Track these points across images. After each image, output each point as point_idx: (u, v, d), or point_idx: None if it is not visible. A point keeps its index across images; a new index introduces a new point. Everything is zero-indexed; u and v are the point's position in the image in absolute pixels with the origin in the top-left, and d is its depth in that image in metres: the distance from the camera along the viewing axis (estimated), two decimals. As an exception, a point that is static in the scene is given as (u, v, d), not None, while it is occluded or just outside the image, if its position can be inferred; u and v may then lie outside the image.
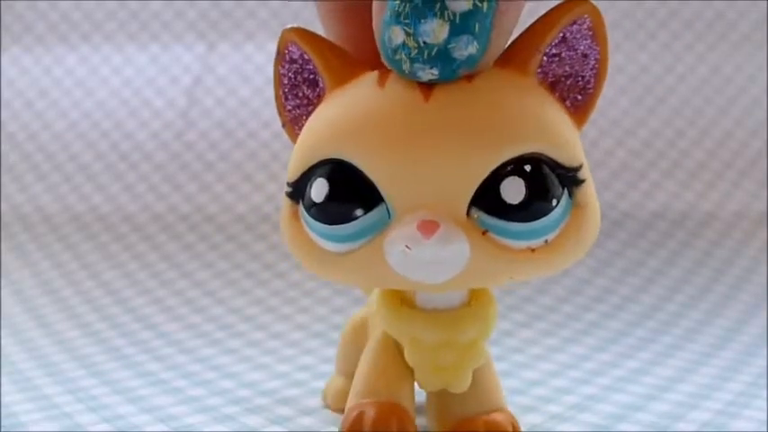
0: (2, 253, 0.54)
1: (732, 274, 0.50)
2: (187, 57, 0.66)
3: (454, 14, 0.19)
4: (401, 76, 0.21)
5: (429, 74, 0.20)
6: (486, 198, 0.20)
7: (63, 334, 0.42)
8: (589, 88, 0.22)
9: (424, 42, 0.20)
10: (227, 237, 0.55)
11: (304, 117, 0.23)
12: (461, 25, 0.19)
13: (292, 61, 0.24)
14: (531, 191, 0.20)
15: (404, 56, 0.20)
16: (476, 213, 0.21)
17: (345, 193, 0.21)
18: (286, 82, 0.24)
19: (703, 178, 0.58)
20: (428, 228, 0.20)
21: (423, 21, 0.20)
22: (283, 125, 0.24)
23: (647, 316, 0.44)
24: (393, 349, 0.24)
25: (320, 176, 0.21)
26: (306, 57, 0.23)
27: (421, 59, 0.20)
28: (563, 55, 0.22)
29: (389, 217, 0.21)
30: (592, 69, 0.22)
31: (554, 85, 0.22)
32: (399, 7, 0.20)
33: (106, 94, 0.65)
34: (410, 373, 0.24)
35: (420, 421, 0.26)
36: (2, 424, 0.30)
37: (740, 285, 0.49)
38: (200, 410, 0.32)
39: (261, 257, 0.52)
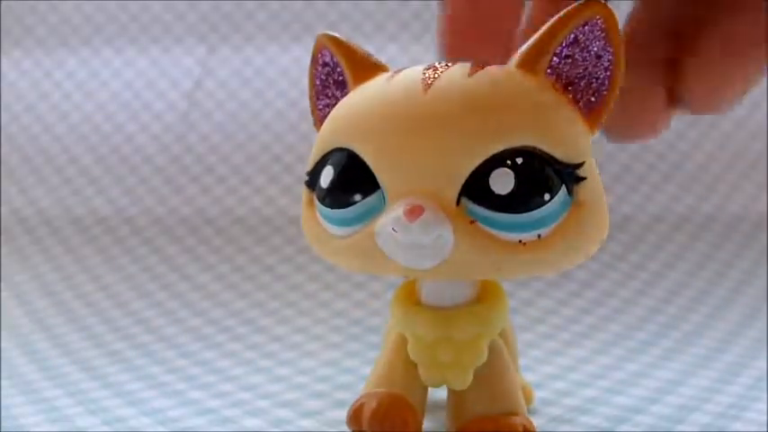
0: (2, 256, 0.54)
1: (733, 277, 0.50)
2: (187, 60, 0.66)
3: None
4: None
5: None
6: (476, 188, 0.21)
7: (63, 337, 0.42)
8: (603, 89, 0.22)
9: None
10: (228, 239, 0.55)
11: None
12: None
13: (324, 64, 0.25)
14: (520, 183, 0.21)
15: None
16: (465, 203, 0.21)
17: (347, 180, 0.22)
18: (318, 83, 0.25)
19: (703, 181, 0.58)
20: (413, 212, 0.21)
21: None
22: (315, 123, 0.26)
23: (648, 319, 0.44)
24: (405, 346, 0.25)
25: (328, 164, 0.23)
26: (336, 60, 0.25)
27: None
28: (576, 56, 0.22)
29: (384, 203, 0.22)
30: (606, 71, 0.22)
31: (568, 87, 0.22)
32: None
33: (106, 97, 0.65)
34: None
35: (433, 418, 0.27)
36: (2, 427, 0.30)
37: (741, 288, 0.48)
38: (201, 413, 0.32)
39: (261, 260, 0.52)
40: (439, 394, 0.26)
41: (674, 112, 0.26)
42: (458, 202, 0.21)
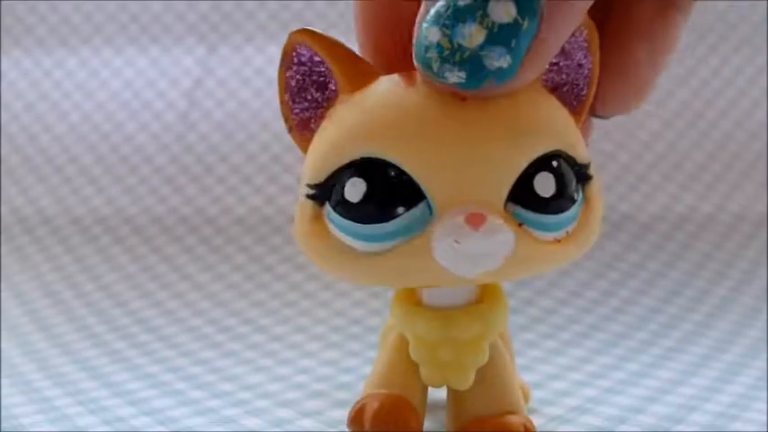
0: (2, 255, 0.54)
1: (732, 277, 0.50)
2: (187, 59, 0.66)
3: (493, 24, 0.20)
4: (428, 77, 0.21)
5: (456, 76, 0.20)
6: (521, 192, 0.21)
7: (63, 337, 0.42)
8: (583, 95, 0.23)
9: (459, 44, 0.20)
10: (228, 239, 0.55)
11: (312, 120, 0.23)
12: (499, 36, 0.20)
13: (301, 64, 0.23)
14: (559, 185, 0.22)
15: (436, 54, 0.20)
16: (512, 207, 0.21)
17: (385, 192, 0.21)
18: (293, 84, 0.24)
19: (703, 180, 0.58)
20: (476, 220, 0.21)
21: (461, 24, 0.20)
22: (289, 130, 0.24)
23: (648, 319, 0.44)
24: (406, 346, 0.25)
25: (355, 176, 0.21)
26: (315, 59, 0.23)
27: (452, 61, 0.20)
28: (561, 65, 0.23)
29: (431, 213, 0.21)
30: (585, 78, 0.23)
31: (553, 92, 0.23)
32: (442, 9, 0.20)
33: (106, 97, 0.65)
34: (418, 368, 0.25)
35: (433, 418, 0.27)
36: (2, 426, 0.30)
37: (740, 288, 0.48)
38: (201, 413, 0.32)
39: (261, 260, 0.52)
40: (439, 394, 0.26)
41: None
42: (504, 207, 0.21)
